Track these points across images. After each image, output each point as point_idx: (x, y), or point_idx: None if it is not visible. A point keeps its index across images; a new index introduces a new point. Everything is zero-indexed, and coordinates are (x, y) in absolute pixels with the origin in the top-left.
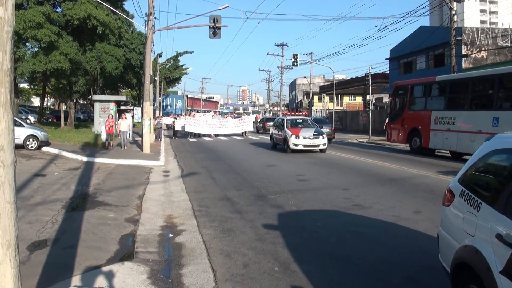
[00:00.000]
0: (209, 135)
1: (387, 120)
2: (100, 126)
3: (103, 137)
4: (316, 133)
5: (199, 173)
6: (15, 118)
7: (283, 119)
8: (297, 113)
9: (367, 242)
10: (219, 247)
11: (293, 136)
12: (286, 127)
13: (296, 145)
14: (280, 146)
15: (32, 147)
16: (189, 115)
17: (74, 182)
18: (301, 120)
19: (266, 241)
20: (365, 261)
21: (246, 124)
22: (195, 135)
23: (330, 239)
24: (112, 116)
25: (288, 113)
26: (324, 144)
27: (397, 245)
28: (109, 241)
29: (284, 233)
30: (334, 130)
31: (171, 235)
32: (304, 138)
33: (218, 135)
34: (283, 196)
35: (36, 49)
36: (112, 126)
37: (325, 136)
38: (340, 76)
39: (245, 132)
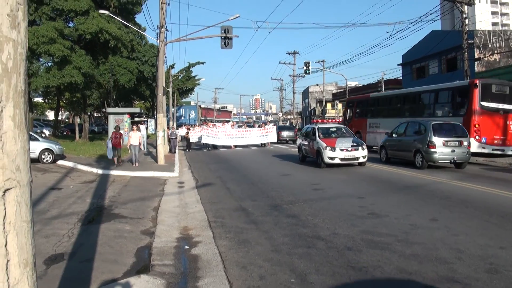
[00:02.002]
0: (229, 147)
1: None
2: (108, 141)
3: (109, 153)
4: (355, 144)
5: (213, 183)
6: (30, 133)
7: (314, 128)
8: (328, 121)
9: (384, 251)
10: (235, 259)
11: (328, 148)
12: (319, 137)
13: (332, 158)
14: (310, 159)
15: (47, 160)
16: (206, 125)
17: (89, 195)
18: (335, 129)
19: (282, 252)
20: (382, 271)
21: (270, 134)
22: (213, 147)
23: (346, 249)
24: (119, 128)
25: (317, 121)
26: (364, 157)
27: (414, 254)
28: (125, 254)
29: (300, 244)
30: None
31: (187, 247)
32: (341, 150)
33: (237, 146)
34: (298, 205)
35: (49, 64)
36: (119, 140)
37: (365, 147)
38: (353, 83)
39: (268, 143)
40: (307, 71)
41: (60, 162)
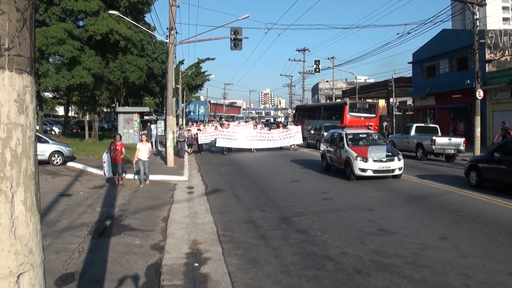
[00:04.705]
0: (249, 150)
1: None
2: (104, 154)
3: (107, 170)
4: (390, 153)
5: (223, 190)
6: (39, 135)
7: (341, 134)
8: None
9: (392, 275)
10: (244, 280)
11: (359, 158)
12: (347, 144)
13: (363, 170)
14: (335, 167)
15: (57, 162)
16: (222, 125)
17: (99, 202)
18: (365, 135)
19: (291, 274)
20: None
21: (294, 136)
22: (229, 150)
23: (355, 272)
24: (121, 137)
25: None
26: (400, 169)
27: (422, 279)
28: (135, 273)
29: (309, 265)
30: None
31: (196, 264)
32: (375, 160)
33: (258, 149)
34: (307, 218)
35: (58, 63)
36: (119, 154)
37: (401, 157)
38: (363, 78)
39: (294, 145)
40: (317, 70)
41: (70, 164)
